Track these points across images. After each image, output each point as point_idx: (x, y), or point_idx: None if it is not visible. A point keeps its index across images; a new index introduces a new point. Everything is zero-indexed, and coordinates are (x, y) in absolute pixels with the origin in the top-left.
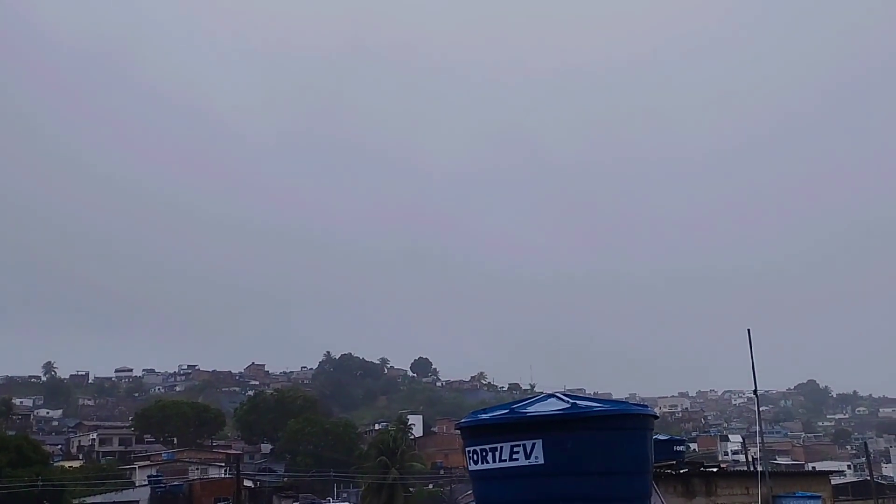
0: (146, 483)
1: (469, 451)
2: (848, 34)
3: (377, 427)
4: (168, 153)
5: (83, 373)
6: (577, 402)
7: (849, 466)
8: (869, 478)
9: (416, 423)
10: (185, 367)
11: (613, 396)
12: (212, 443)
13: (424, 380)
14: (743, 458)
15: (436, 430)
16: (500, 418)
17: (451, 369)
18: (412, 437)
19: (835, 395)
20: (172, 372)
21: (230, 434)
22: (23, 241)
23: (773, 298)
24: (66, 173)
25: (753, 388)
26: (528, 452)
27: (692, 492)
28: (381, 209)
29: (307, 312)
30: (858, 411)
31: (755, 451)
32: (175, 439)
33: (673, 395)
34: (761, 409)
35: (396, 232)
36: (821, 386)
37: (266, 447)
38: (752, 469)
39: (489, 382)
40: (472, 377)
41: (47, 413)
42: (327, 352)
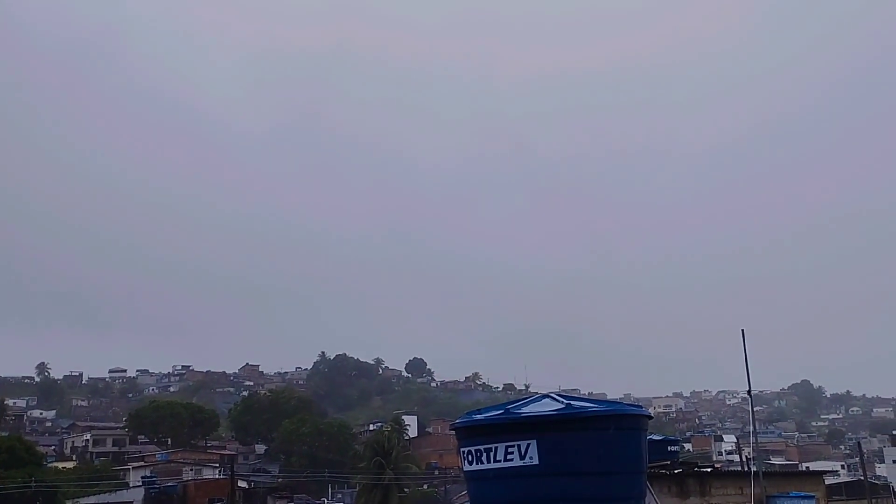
0: (140, 484)
1: (464, 452)
2: (842, 26)
3: (372, 427)
4: (157, 149)
5: (77, 373)
6: (572, 402)
7: (842, 466)
8: (862, 478)
9: (411, 424)
10: (180, 367)
11: (608, 397)
12: (206, 443)
13: (419, 380)
14: (737, 458)
15: (431, 430)
16: (495, 419)
17: (445, 370)
18: (407, 438)
19: (828, 395)
20: (166, 372)
21: (224, 435)
22: (14, 240)
23: (768, 298)
24: (56, 171)
25: (747, 389)
26: (522, 453)
27: (686, 492)
28: (371, 206)
29: (301, 313)
30: (852, 411)
31: (749, 451)
32: (169, 440)
33: (667, 396)
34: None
35: (388, 230)
36: (814, 386)
37: (260, 448)
38: (746, 469)
39: (484, 383)
40: (466, 377)
41: (41, 414)
42: (322, 352)
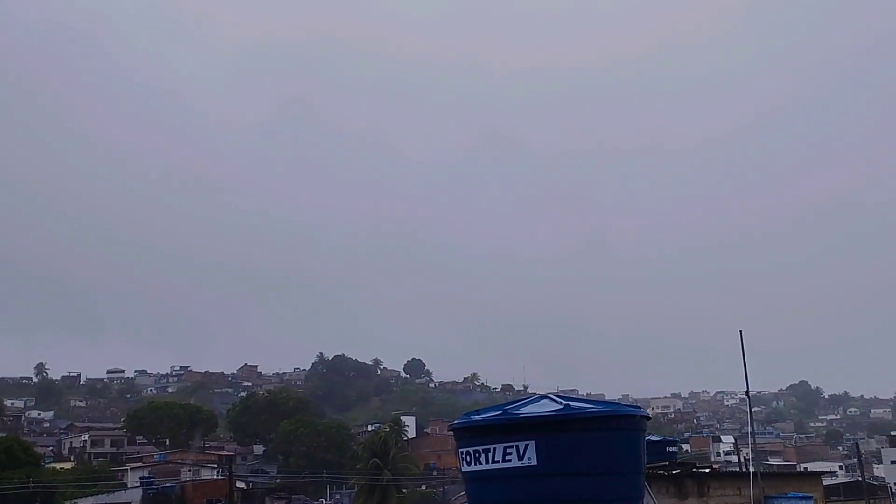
0: (138, 485)
1: (462, 453)
2: (833, 17)
3: (370, 428)
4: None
5: (75, 374)
6: (570, 403)
7: (840, 467)
8: (860, 478)
9: (410, 425)
10: (178, 368)
11: (606, 397)
12: (204, 444)
13: (417, 381)
14: (735, 458)
15: (429, 431)
16: (494, 419)
17: (444, 370)
18: (405, 439)
19: (826, 396)
20: (164, 373)
21: (222, 435)
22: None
23: (766, 298)
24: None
25: (745, 389)
26: (521, 454)
27: (684, 493)
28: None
29: (300, 314)
30: (850, 412)
31: (747, 451)
32: (167, 441)
33: (665, 396)
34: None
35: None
36: (812, 387)
37: (259, 448)
38: (744, 470)
39: (482, 383)
40: (465, 378)
41: (39, 414)
42: (320, 353)
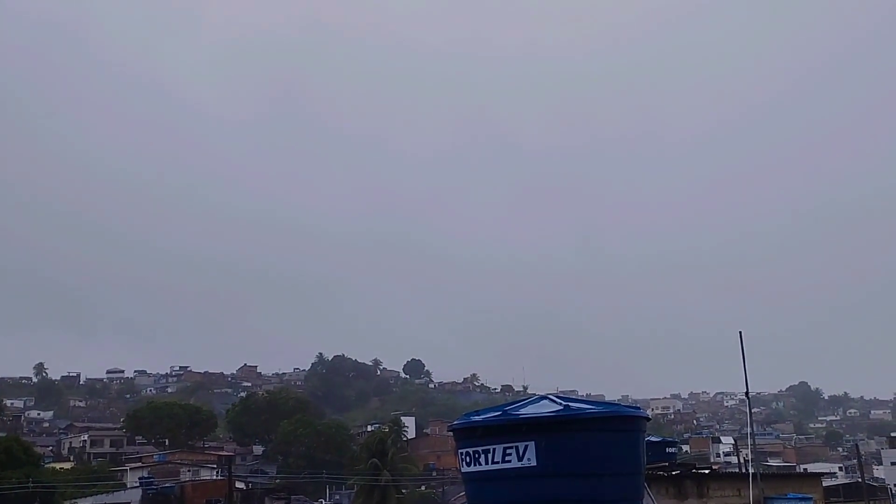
0: (137, 485)
1: (462, 453)
2: (823, 15)
3: (370, 428)
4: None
5: (74, 374)
6: (570, 403)
7: (840, 468)
8: (860, 479)
9: (409, 425)
10: (177, 368)
11: (606, 398)
12: (203, 444)
13: (417, 381)
14: (735, 459)
15: (428, 431)
16: (493, 420)
17: (443, 371)
18: (405, 439)
19: (826, 397)
20: (164, 373)
21: (222, 435)
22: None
23: (765, 298)
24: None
25: (745, 390)
26: (520, 454)
27: (684, 493)
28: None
29: (300, 314)
30: (850, 413)
31: (747, 452)
32: (167, 441)
33: (665, 397)
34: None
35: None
36: (812, 388)
37: (258, 449)
38: (743, 471)
39: (482, 384)
40: (464, 379)
41: (38, 414)
42: (319, 353)
